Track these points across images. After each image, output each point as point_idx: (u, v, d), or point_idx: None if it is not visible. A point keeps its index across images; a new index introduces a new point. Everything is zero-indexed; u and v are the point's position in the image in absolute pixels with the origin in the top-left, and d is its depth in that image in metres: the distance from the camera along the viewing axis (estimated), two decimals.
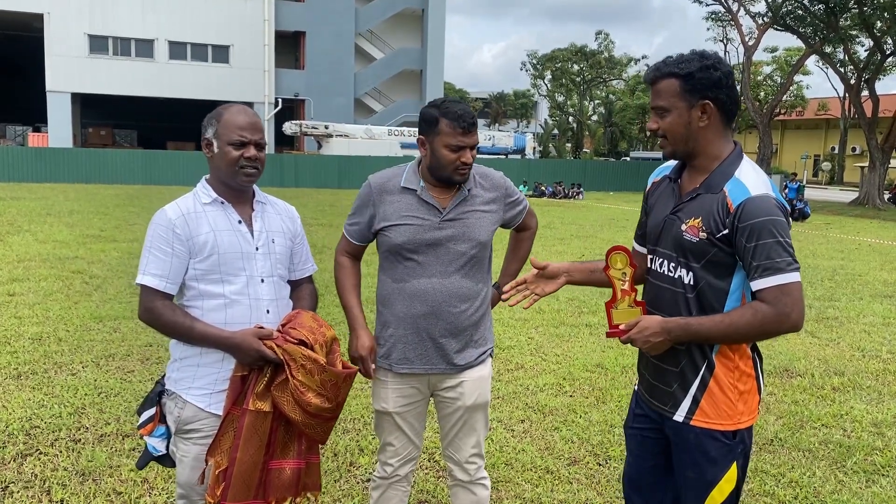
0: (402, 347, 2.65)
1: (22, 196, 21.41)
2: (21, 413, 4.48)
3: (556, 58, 64.45)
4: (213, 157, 2.39)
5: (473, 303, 2.67)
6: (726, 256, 2.09)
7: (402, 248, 2.60)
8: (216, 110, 2.42)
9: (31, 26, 36.21)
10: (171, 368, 2.44)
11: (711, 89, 2.12)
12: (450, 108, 2.53)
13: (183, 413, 2.37)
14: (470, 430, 2.76)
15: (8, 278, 8.69)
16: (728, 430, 2.15)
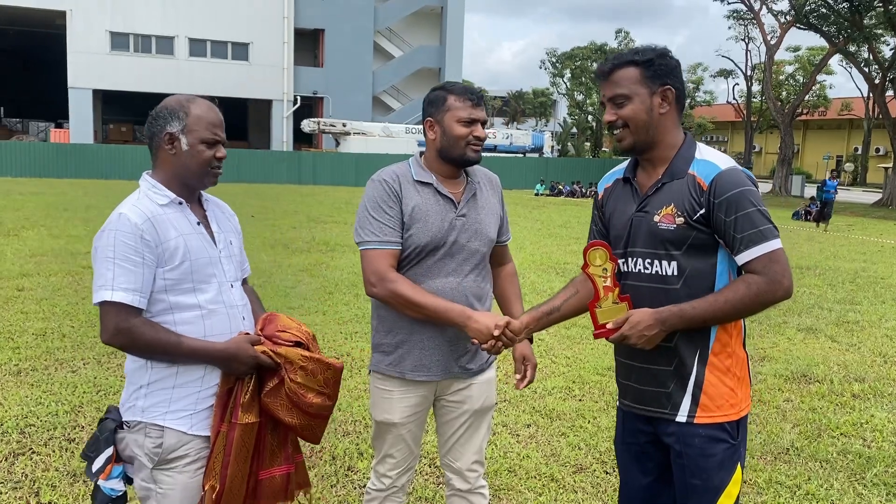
0: (419, 354, 2.50)
1: (41, 191, 21.57)
2: (17, 410, 4.41)
3: (576, 56, 64.00)
4: (179, 155, 2.12)
5: (485, 303, 2.58)
6: (707, 237, 2.06)
7: (423, 245, 2.43)
8: (175, 102, 2.14)
9: (54, 23, 36.52)
10: (135, 396, 2.12)
11: (670, 76, 2.12)
12: (455, 85, 2.52)
13: (164, 441, 2.09)
14: (473, 435, 2.65)
15: (18, 273, 8.68)
16: (733, 421, 2.10)
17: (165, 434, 2.10)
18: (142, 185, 2.15)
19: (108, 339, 2.02)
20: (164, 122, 2.12)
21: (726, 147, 70.21)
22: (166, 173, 2.15)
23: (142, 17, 36.17)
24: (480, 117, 2.48)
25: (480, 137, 2.49)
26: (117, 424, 2.13)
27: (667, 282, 2.10)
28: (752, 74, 48.83)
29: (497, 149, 39.87)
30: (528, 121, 73.19)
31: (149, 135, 2.15)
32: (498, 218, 2.63)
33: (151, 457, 2.10)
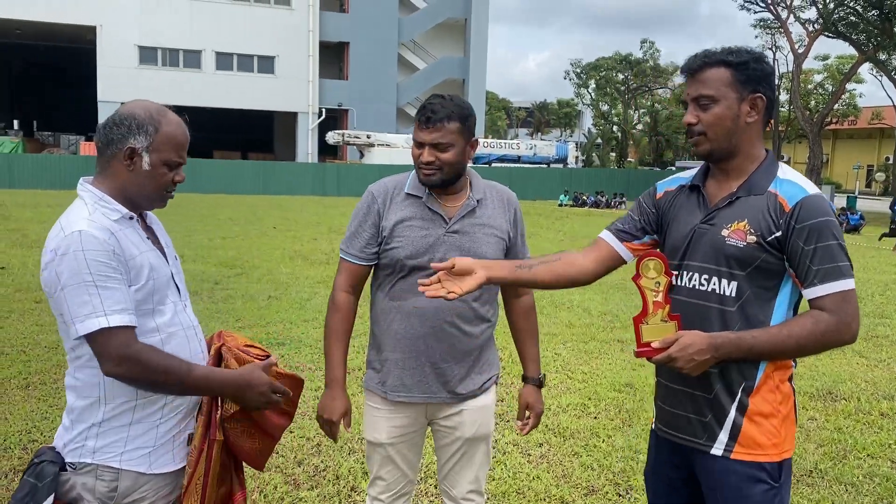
0: (399, 373, 2.41)
1: (69, 203, 21.79)
2: (21, 426, 4.38)
3: (601, 66, 63.88)
4: (137, 173, 1.90)
5: (478, 325, 2.43)
6: (776, 263, 1.90)
7: (404, 261, 2.36)
8: (144, 113, 1.90)
9: (84, 38, 37.18)
10: (84, 436, 1.88)
11: (762, 83, 1.95)
12: (425, 105, 2.33)
13: (120, 485, 1.88)
14: (468, 464, 2.51)
15: (37, 285, 8.72)
16: (774, 462, 1.92)
17: (121, 476, 1.89)
18: (85, 196, 1.90)
19: (113, 370, 1.78)
20: (126, 133, 1.88)
21: None
22: (114, 186, 1.91)
23: (169, 31, 36.67)
24: (426, 140, 2.29)
25: (425, 162, 2.30)
26: (60, 466, 1.87)
27: (723, 302, 1.94)
28: (780, 83, 48.27)
29: (521, 160, 39.77)
30: (552, 131, 73.04)
31: (104, 140, 1.90)
32: (500, 240, 2.42)
33: (105, 501, 1.88)
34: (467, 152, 2.35)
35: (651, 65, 62.84)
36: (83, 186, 1.92)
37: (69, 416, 1.93)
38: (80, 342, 1.84)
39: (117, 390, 1.88)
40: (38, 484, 1.82)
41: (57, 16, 34.84)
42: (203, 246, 13.08)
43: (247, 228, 16.78)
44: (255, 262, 11.50)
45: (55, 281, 1.79)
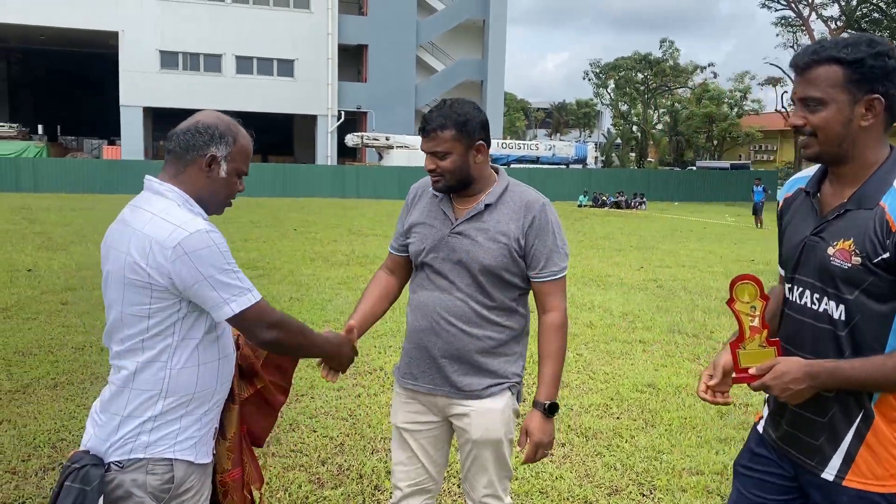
0: (408, 361, 2.51)
1: (93, 207, 22.12)
2: (50, 425, 4.44)
3: (620, 66, 63.58)
4: (214, 180, 2.00)
5: (483, 329, 2.38)
6: (886, 286, 1.71)
7: (415, 256, 2.49)
8: (224, 124, 2.01)
9: (107, 44, 37.61)
10: (138, 432, 1.92)
11: (883, 81, 1.71)
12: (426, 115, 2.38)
13: (176, 475, 1.94)
14: (481, 469, 2.46)
15: (63, 287, 8.85)
16: (891, 493, 1.76)
17: (175, 467, 1.94)
18: (171, 196, 1.96)
19: (268, 336, 1.95)
20: (209, 141, 1.98)
21: (775, 156, 68.73)
22: (190, 190, 1.98)
23: (190, 36, 37.01)
24: (425, 149, 2.37)
25: (429, 170, 2.38)
26: (104, 469, 1.89)
27: (834, 325, 1.79)
28: None
29: (540, 160, 39.68)
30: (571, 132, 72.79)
31: (184, 145, 1.97)
32: (503, 246, 2.34)
33: (158, 495, 1.92)
34: (471, 157, 2.35)
35: (671, 64, 62.46)
36: (166, 186, 1.97)
37: (116, 416, 1.94)
38: (151, 335, 1.90)
39: (180, 382, 1.94)
40: (85, 488, 1.83)
41: (79, 22, 35.29)
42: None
43: (267, 231, 16.90)
44: (276, 263, 11.58)
45: (194, 274, 1.85)
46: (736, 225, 23.17)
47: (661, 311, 8.49)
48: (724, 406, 4.73)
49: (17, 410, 4.68)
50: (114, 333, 1.98)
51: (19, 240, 13.44)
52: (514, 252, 2.36)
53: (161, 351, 1.91)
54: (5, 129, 36.43)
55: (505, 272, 2.37)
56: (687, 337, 7.29)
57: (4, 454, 4.02)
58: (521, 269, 2.39)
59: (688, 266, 12.62)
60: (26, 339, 6.38)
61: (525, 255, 2.38)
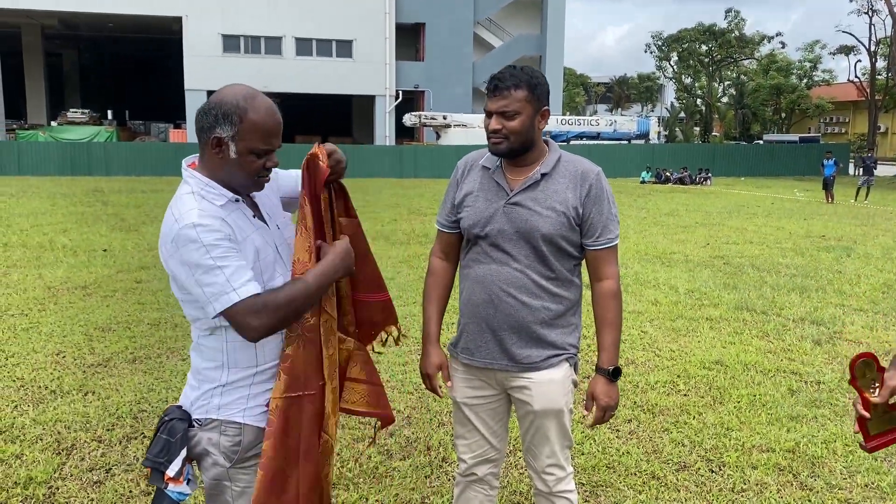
0: (466, 337, 2.51)
1: (161, 189, 22.79)
2: (131, 397, 4.64)
3: (683, 38, 61.88)
4: (226, 161, 1.92)
5: (542, 300, 2.38)
6: None
7: (468, 230, 2.45)
8: (231, 102, 1.88)
9: (171, 29, 38.51)
10: (210, 395, 2.00)
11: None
12: (495, 74, 2.36)
13: (243, 439, 2.00)
14: (543, 439, 2.49)
15: (137, 266, 9.18)
16: None
17: (244, 431, 2.00)
18: (191, 182, 1.94)
19: (257, 331, 1.87)
20: (213, 122, 1.89)
21: (847, 129, 66.09)
22: (210, 174, 1.95)
23: (251, 19, 37.55)
24: (493, 108, 2.32)
25: (493, 130, 2.33)
26: (188, 423, 2.01)
27: None
28: (877, 50, 45.71)
29: (600, 136, 39.05)
30: (632, 106, 71.36)
31: (198, 127, 1.92)
32: (561, 214, 2.33)
33: (229, 455, 2.00)
34: (537, 122, 2.35)
35: (736, 35, 60.48)
36: (188, 171, 1.97)
37: (196, 377, 2.05)
38: (198, 317, 1.96)
39: (239, 357, 1.98)
40: (170, 439, 1.96)
41: (145, 8, 36.17)
42: None
43: None
44: None
45: (184, 269, 1.86)
46: (805, 200, 22.44)
47: (728, 288, 8.32)
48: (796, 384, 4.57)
49: (101, 383, 4.90)
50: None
51: (94, 221, 13.97)
52: (572, 220, 2.36)
53: (216, 327, 1.96)
54: (78, 114, 37.76)
55: (563, 241, 2.37)
56: (755, 314, 7.13)
57: (91, 423, 4.22)
58: (577, 238, 2.40)
59: (755, 242, 12.31)
60: (105, 316, 6.65)
61: (582, 223, 2.38)
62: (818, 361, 5.63)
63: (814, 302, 7.67)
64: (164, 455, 1.95)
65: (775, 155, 38.20)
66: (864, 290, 8.33)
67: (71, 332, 6.12)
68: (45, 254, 9.99)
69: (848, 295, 8.04)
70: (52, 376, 5.01)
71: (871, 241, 12.64)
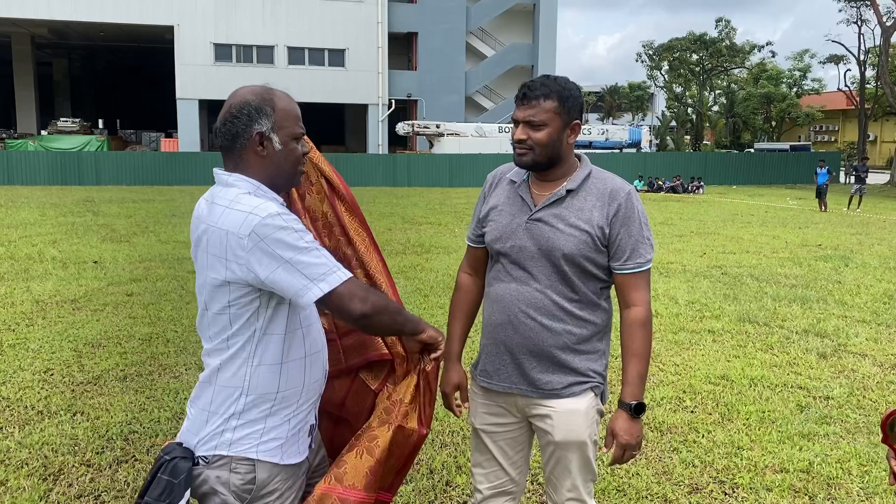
0: (485, 358, 2.40)
1: (152, 198, 22.59)
2: (122, 417, 4.49)
3: (674, 47, 62.10)
4: (272, 156, 1.90)
5: (564, 323, 2.25)
6: None
7: (491, 245, 2.35)
8: (256, 96, 1.88)
9: (163, 38, 38.34)
10: (222, 429, 1.89)
11: None
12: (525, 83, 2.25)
13: (258, 476, 1.89)
14: (564, 472, 2.35)
15: (129, 278, 9.01)
16: None
17: (257, 468, 1.89)
18: (241, 185, 1.88)
19: (362, 309, 1.83)
20: (248, 121, 1.87)
21: (837, 137, 66.43)
22: (257, 175, 1.91)
23: (243, 28, 37.44)
24: (521, 117, 2.22)
25: (519, 140, 2.22)
26: (191, 462, 1.88)
27: None
28: (866, 59, 45.97)
29: (592, 145, 39.06)
30: (624, 115, 71.59)
31: (229, 136, 1.88)
32: (584, 233, 2.20)
33: (241, 495, 1.88)
34: (566, 135, 2.23)
35: (727, 44, 60.76)
36: (233, 175, 1.89)
37: (202, 411, 1.92)
38: (233, 332, 1.86)
39: (262, 381, 1.89)
40: (173, 481, 1.82)
41: (137, 17, 36.01)
42: None
43: None
44: None
45: (271, 260, 1.77)
46: (799, 208, 22.43)
47: (729, 300, 8.22)
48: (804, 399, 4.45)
49: (90, 402, 4.74)
50: (203, 330, 1.96)
51: (84, 232, 13.77)
52: (598, 241, 2.21)
53: (241, 347, 1.87)
54: (68, 123, 37.46)
55: (587, 262, 2.23)
56: (758, 326, 7.03)
57: (79, 446, 4.06)
58: (604, 260, 2.25)
59: (752, 252, 12.23)
60: (95, 331, 6.49)
61: (609, 244, 2.23)
62: (825, 375, 5.53)
63: (816, 313, 7.57)
64: (165, 498, 1.81)
65: (767, 163, 38.27)
66: (864, 300, 8.25)
67: (59, 348, 5.95)
68: (33, 266, 9.81)
69: (849, 306, 7.95)
70: (39, 396, 4.85)
71: (868, 251, 12.59)
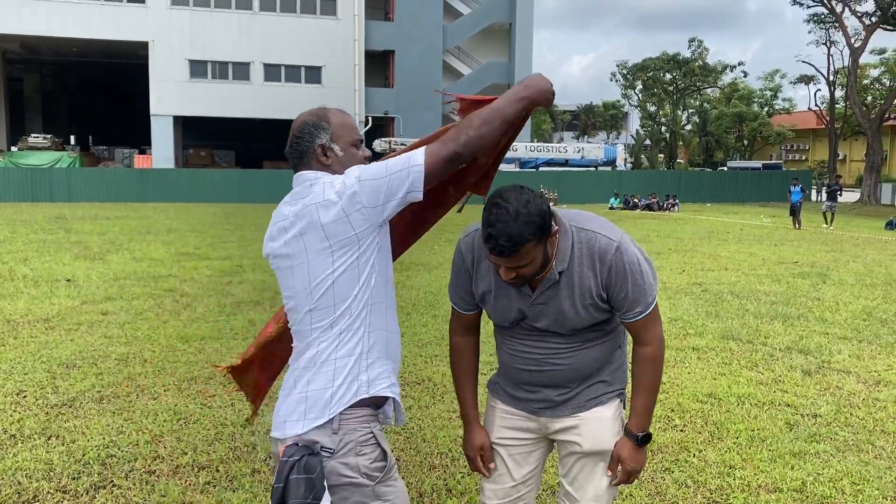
0: (506, 383, 2.40)
1: (126, 215, 22.28)
2: (99, 440, 4.33)
3: (648, 67, 62.97)
4: (336, 162, 2.08)
5: (587, 355, 2.27)
6: None
7: (499, 323, 2.35)
8: (312, 116, 2.10)
9: (137, 54, 38.00)
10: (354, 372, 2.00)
11: None
12: (489, 225, 2.00)
13: (384, 448, 2.03)
14: (587, 481, 2.32)
15: (103, 297, 8.81)
16: None
17: (380, 442, 2.01)
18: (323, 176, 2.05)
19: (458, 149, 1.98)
20: (311, 137, 2.09)
21: (807, 156, 67.57)
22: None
23: (219, 44, 37.27)
24: (503, 265, 2.06)
25: (507, 280, 2.11)
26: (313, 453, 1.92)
27: None
28: (835, 79, 46.91)
29: (568, 163, 39.35)
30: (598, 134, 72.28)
31: (297, 154, 2.09)
32: (589, 306, 2.16)
33: (372, 474, 1.97)
34: (549, 249, 2.12)
35: (699, 64, 61.71)
36: (312, 172, 2.06)
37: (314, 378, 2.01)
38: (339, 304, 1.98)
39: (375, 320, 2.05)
40: (311, 477, 1.88)
41: (110, 33, 35.70)
42: (260, 256, 13.12)
43: None
44: None
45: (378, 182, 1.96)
46: (773, 226, 22.69)
47: (711, 317, 8.23)
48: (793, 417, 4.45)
49: (65, 425, 4.58)
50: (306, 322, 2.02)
51: (57, 249, 13.50)
52: (600, 303, 2.18)
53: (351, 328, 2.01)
54: (39, 139, 36.90)
55: (597, 319, 2.23)
56: (742, 343, 7.03)
57: (55, 471, 3.91)
58: (609, 309, 2.22)
59: (731, 269, 12.31)
60: (69, 351, 6.31)
61: (610, 301, 2.18)
62: (811, 393, 5.52)
63: (798, 330, 7.60)
64: (309, 495, 1.86)
65: (740, 181, 38.81)
66: (844, 317, 8.31)
67: (32, 369, 5.77)
68: (4, 284, 9.56)
69: (830, 323, 8.00)
70: (11, 419, 4.68)
71: (843, 268, 12.72)
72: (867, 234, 20.56)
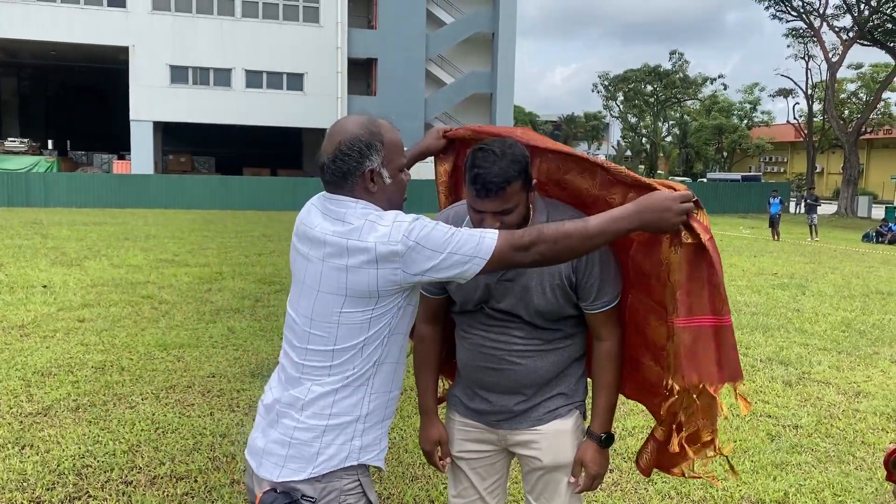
0: (463, 391, 2.34)
1: (104, 221, 22.03)
2: (74, 450, 4.25)
3: (629, 78, 63.57)
4: (382, 190, 1.89)
5: (545, 359, 2.21)
6: None
7: (460, 305, 2.26)
8: (365, 131, 1.85)
9: (118, 59, 37.69)
10: (347, 434, 1.86)
11: None
12: (475, 166, 2.00)
13: (368, 497, 1.92)
14: (553, 495, 2.27)
15: (80, 304, 8.68)
16: None
17: (366, 490, 1.90)
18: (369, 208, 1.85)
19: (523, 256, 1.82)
20: (361, 158, 1.84)
21: (786, 168, 68.41)
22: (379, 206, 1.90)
23: (200, 50, 37.05)
24: (486, 209, 2.01)
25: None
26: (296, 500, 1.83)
27: None
28: (814, 93, 47.59)
29: None
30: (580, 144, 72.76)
31: (339, 173, 1.84)
32: (556, 287, 2.12)
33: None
34: (531, 198, 2.10)
35: (680, 76, 62.36)
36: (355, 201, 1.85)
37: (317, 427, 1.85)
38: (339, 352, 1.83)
39: (380, 381, 1.90)
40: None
41: (90, 37, 35.36)
42: (240, 263, 13.03)
43: (281, 244, 16.75)
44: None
45: (424, 254, 1.77)
46: (752, 237, 22.90)
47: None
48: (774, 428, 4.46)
49: (40, 435, 4.49)
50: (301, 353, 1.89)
51: (33, 255, 13.30)
52: (568, 288, 2.14)
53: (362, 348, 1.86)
54: (16, 144, 36.43)
55: (562, 309, 2.17)
56: None
57: (28, 482, 3.82)
58: (575, 302, 2.18)
59: None
60: (45, 359, 6.19)
61: (576, 288, 2.15)
62: (792, 404, 5.55)
63: (778, 341, 7.65)
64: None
65: (720, 193, 39.15)
66: (823, 328, 8.38)
67: (6, 376, 5.66)
68: None
69: (810, 334, 8.06)
70: None
71: (822, 279, 12.85)
72: (844, 247, 20.81)
